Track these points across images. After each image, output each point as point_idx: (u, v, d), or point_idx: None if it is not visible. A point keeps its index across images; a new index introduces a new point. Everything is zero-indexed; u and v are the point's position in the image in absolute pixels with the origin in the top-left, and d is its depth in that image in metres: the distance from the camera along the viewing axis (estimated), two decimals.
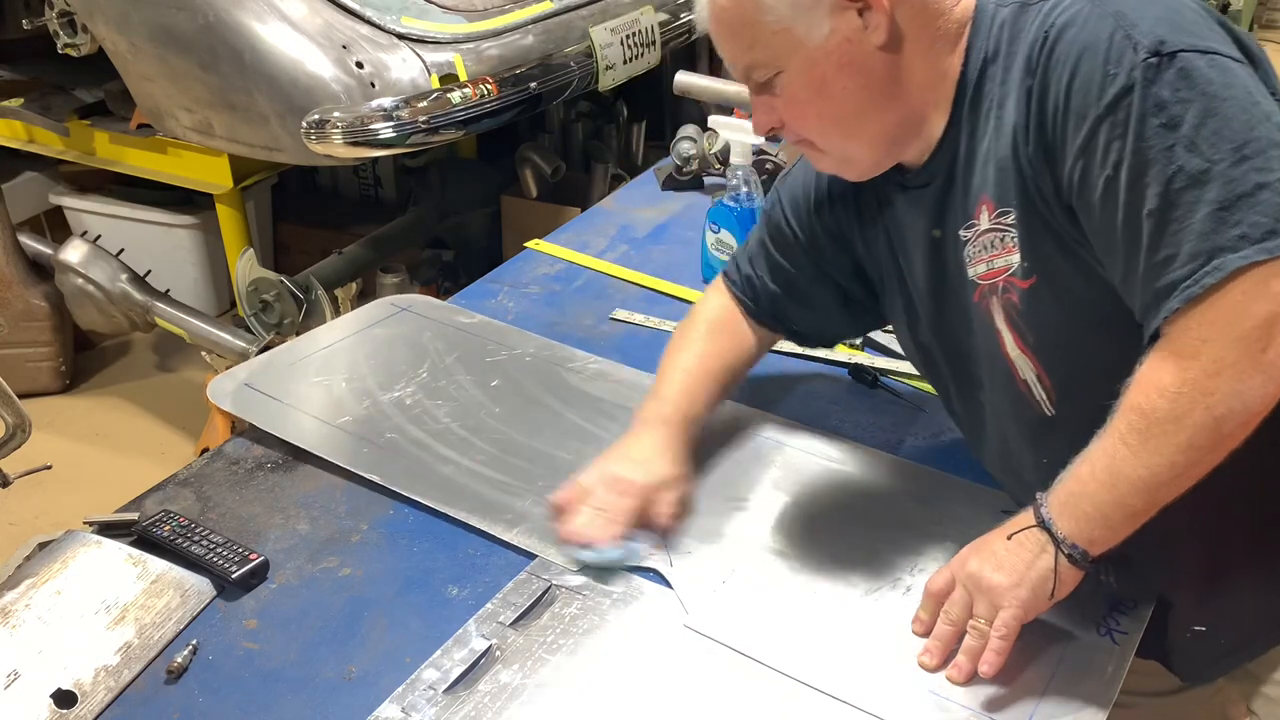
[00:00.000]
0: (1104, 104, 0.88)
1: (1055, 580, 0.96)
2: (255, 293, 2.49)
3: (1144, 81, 0.86)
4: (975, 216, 1.03)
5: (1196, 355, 0.86)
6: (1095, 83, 0.89)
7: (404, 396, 1.43)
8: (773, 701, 0.99)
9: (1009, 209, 0.99)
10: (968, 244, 1.05)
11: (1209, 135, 0.85)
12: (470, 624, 1.06)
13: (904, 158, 1.10)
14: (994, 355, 1.07)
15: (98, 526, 1.19)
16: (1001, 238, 1.01)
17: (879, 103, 1.03)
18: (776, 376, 1.51)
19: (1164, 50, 0.86)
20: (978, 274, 1.05)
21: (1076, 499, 0.95)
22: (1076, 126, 0.91)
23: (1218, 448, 0.88)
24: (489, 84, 2.20)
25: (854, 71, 1.01)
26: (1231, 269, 0.84)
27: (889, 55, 1.01)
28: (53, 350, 3.04)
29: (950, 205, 1.07)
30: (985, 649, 0.99)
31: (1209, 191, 0.85)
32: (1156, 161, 0.86)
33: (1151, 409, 0.88)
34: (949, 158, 1.05)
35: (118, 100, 2.70)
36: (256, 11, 2.09)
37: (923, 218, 1.11)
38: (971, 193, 1.04)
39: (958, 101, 1.03)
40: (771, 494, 1.26)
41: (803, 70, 1.02)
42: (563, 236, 1.98)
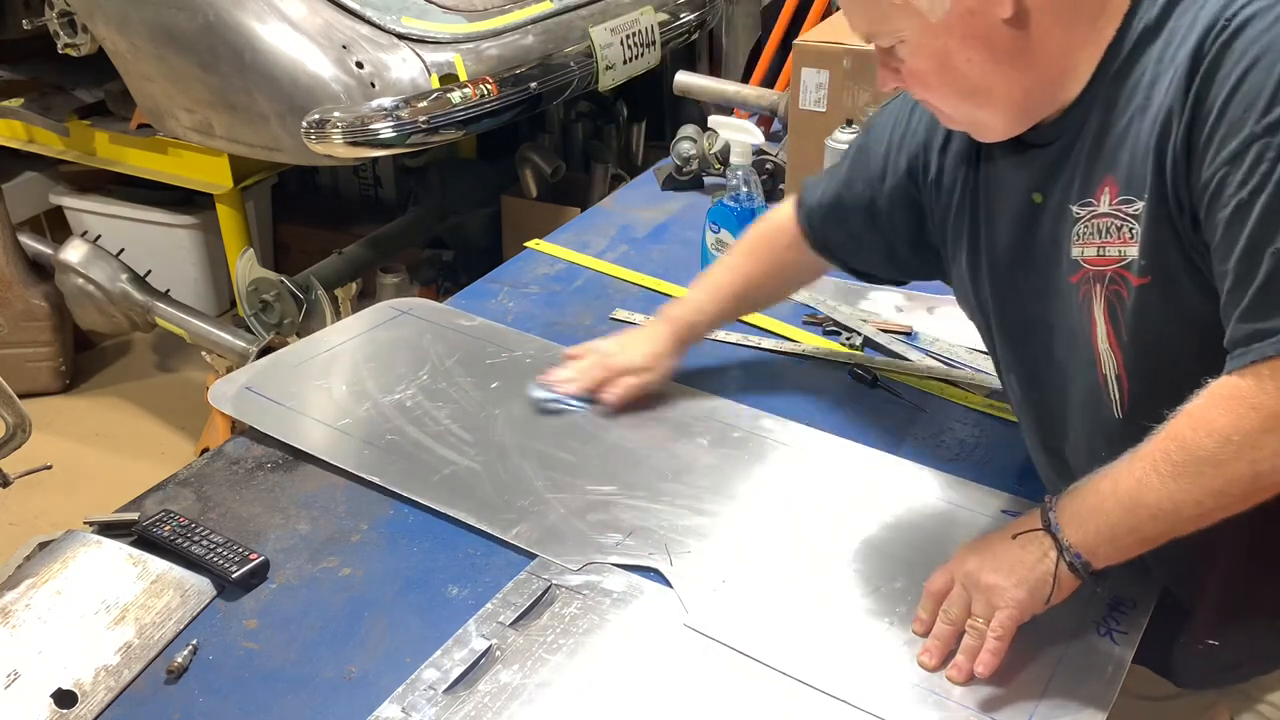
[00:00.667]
0: (1266, 123, 0.82)
1: (1054, 585, 0.96)
2: (255, 293, 2.49)
3: None
4: (1095, 196, 0.97)
5: (1259, 407, 0.83)
6: (1265, 94, 0.82)
7: (404, 399, 1.43)
8: (773, 701, 0.99)
9: (1135, 199, 0.93)
10: (1079, 222, 0.99)
11: None
12: (470, 624, 1.06)
13: (1040, 119, 1.03)
14: (1082, 341, 1.03)
15: (98, 526, 1.19)
16: (1120, 227, 0.95)
17: (1005, 74, 0.97)
18: (777, 376, 1.51)
19: None
20: (1084, 256, 0.99)
21: (1091, 512, 0.94)
22: (1229, 134, 0.84)
23: (1248, 499, 0.87)
24: (489, 84, 2.20)
25: (978, 44, 0.96)
26: None
27: (1016, 29, 0.94)
28: (53, 350, 3.05)
29: (1063, 174, 1.01)
30: (981, 649, 0.99)
31: None
32: None
33: (1195, 445, 0.86)
34: (1076, 125, 0.99)
35: (118, 100, 2.70)
36: (256, 11, 2.09)
37: (1027, 179, 1.05)
38: (1096, 169, 0.97)
39: (1101, 69, 0.96)
40: (771, 493, 1.26)
41: (925, 42, 0.97)
42: (563, 236, 1.98)
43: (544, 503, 1.23)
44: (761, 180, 1.77)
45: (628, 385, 1.39)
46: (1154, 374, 0.98)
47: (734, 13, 3.33)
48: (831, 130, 1.75)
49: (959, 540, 1.06)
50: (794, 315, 1.66)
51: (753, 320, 1.65)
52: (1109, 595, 1.07)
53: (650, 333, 1.44)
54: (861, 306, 1.67)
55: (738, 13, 3.34)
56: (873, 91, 1.77)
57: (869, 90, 1.78)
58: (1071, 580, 0.96)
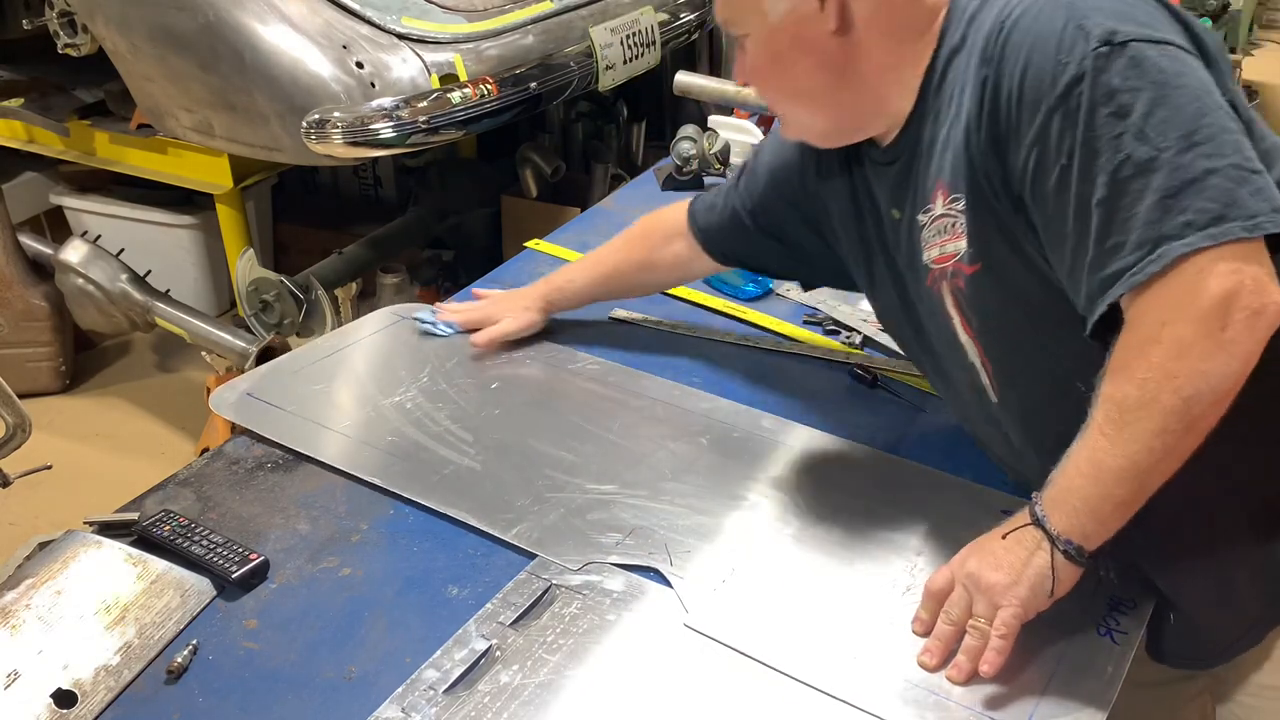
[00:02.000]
0: (1056, 94, 0.90)
1: (1053, 578, 0.96)
2: (255, 293, 2.49)
3: (1095, 70, 0.88)
4: (931, 201, 1.06)
5: (1159, 339, 0.87)
6: (1048, 72, 0.90)
7: (404, 400, 1.43)
8: (773, 701, 0.99)
9: (960, 195, 1.01)
10: (924, 228, 1.08)
11: (1158, 123, 0.86)
12: (470, 624, 1.06)
13: (870, 133, 1.13)
14: (950, 338, 1.11)
15: (98, 526, 1.19)
16: (953, 223, 1.03)
17: (832, 83, 1.07)
18: (776, 376, 1.51)
19: (1115, 40, 0.88)
20: (931, 258, 1.08)
21: (1066, 494, 0.95)
22: (1030, 116, 0.92)
23: (1191, 430, 0.89)
24: (489, 84, 2.20)
25: (807, 51, 1.06)
26: (1175, 256, 0.85)
27: (843, 40, 1.04)
28: (53, 350, 3.04)
29: (909, 187, 1.10)
30: (985, 648, 0.99)
31: (1156, 179, 0.86)
32: (1106, 150, 0.88)
33: (1123, 397, 0.89)
34: (913, 140, 1.08)
35: (118, 100, 2.70)
36: (256, 11, 2.09)
37: (885, 196, 1.15)
38: (930, 177, 1.06)
39: (925, 86, 1.05)
40: (771, 493, 1.26)
41: (763, 40, 1.07)
42: (563, 236, 1.98)
43: (544, 503, 1.23)
44: None
45: (490, 335, 1.54)
46: (1007, 354, 1.07)
47: None
48: None
49: (959, 540, 1.06)
50: (794, 315, 1.66)
51: (753, 320, 1.65)
52: (1112, 582, 1.07)
53: (525, 290, 1.59)
54: (862, 306, 1.67)
55: None
56: None
57: None
58: (1070, 569, 0.96)
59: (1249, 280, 0.85)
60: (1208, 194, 0.85)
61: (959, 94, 1.01)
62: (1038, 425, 1.08)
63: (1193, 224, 0.85)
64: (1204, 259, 0.85)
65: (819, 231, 1.32)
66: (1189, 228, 0.85)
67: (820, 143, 1.18)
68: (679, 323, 1.65)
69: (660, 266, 1.53)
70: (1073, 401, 0.96)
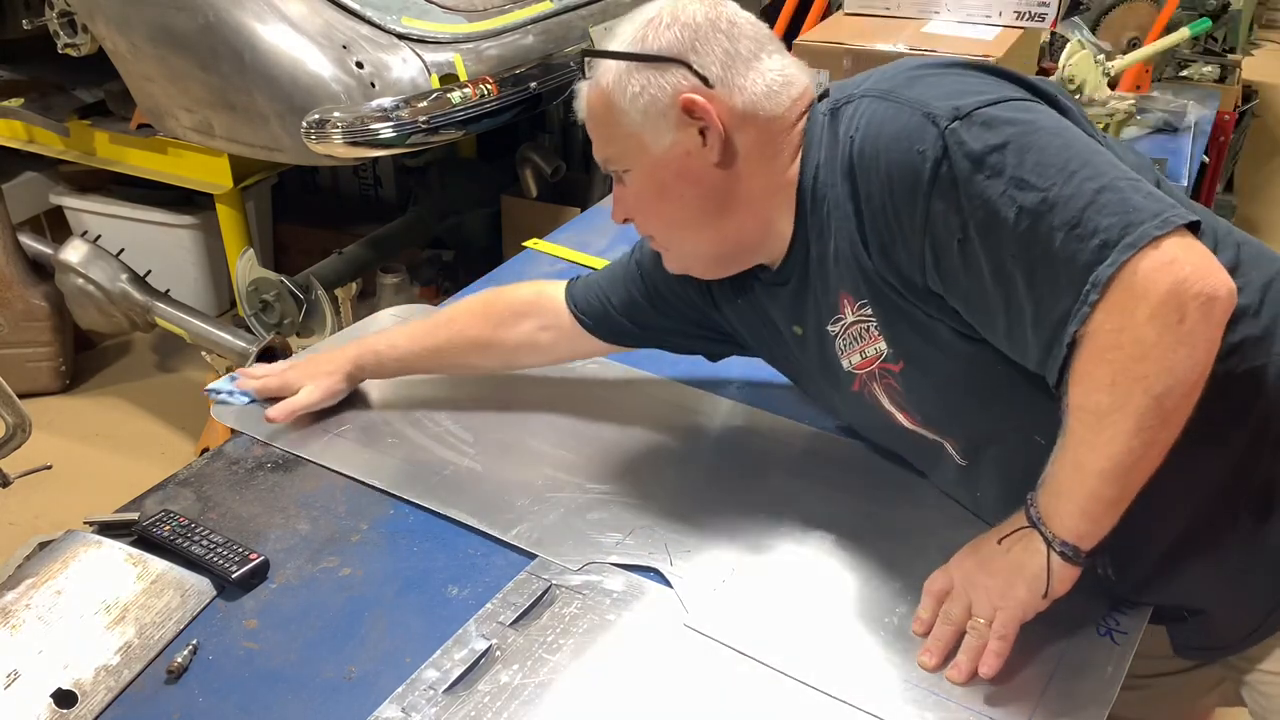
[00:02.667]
0: (925, 181, 0.92)
1: (1050, 579, 0.96)
2: (255, 293, 2.49)
3: (954, 144, 0.91)
4: (840, 311, 1.08)
5: (1119, 345, 0.88)
6: (911, 167, 0.93)
7: (403, 401, 1.43)
8: (773, 701, 0.99)
9: (865, 301, 1.04)
10: (836, 338, 1.10)
11: (1032, 167, 0.89)
12: (470, 624, 1.06)
13: (756, 260, 1.15)
14: (894, 430, 1.14)
15: (98, 526, 1.19)
16: (867, 328, 1.06)
17: (715, 212, 1.09)
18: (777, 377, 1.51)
19: (960, 113, 0.91)
20: (853, 364, 1.10)
21: (1056, 499, 0.96)
22: (909, 212, 0.94)
23: (1166, 424, 0.89)
24: (489, 84, 2.20)
25: (691, 182, 1.07)
26: (1106, 278, 0.86)
27: (726, 171, 1.06)
28: (53, 350, 3.04)
29: (807, 304, 1.12)
30: (985, 649, 0.99)
31: (1055, 217, 0.88)
32: (997, 210, 0.89)
33: (1095, 405, 0.90)
34: (801, 259, 1.10)
35: (118, 100, 2.70)
36: (256, 11, 2.09)
37: (783, 315, 1.17)
38: (830, 289, 1.08)
39: (800, 207, 1.08)
40: (771, 494, 1.26)
41: (647, 173, 1.09)
42: (563, 236, 1.98)
43: (544, 503, 1.23)
44: None
45: (288, 407, 1.37)
46: (961, 429, 1.09)
47: None
48: None
49: (959, 540, 1.06)
50: None
51: None
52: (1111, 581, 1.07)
53: (334, 354, 1.42)
54: None
55: None
56: None
57: None
58: (1067, 570, 0.96)
59: (1188, 269, 0.86)
60: (1107, 210, 0.87)
61: (834, 209, 1.03)
62: (1006, 482, 1.08)
63: (1108, 243, 0.86)
64: (1133, 266, 0.86)
65: (728, 339, 1.31)
66: (1106, 247, 0.86)
67: (705, 274, 1.19)
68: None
69: (502, 348, 1.38)
70: (1039, 454, 0.97)
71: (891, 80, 1.00)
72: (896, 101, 0.96)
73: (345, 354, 1.42)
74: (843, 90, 1.06)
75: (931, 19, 1.88)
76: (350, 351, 1.42)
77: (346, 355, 1.41)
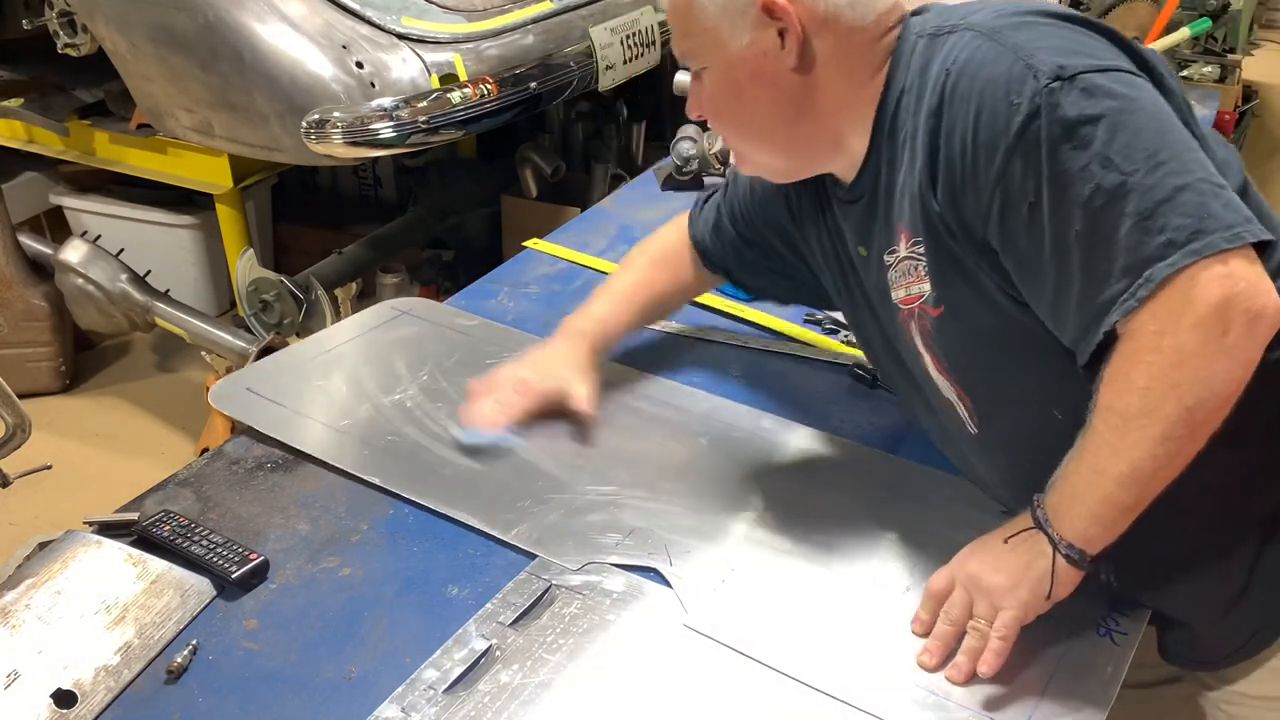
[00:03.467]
0: (1012, 134, 0.90)
1: (1053, 581, 0.96)
2: (255, 293, 2.49)
3: (1049, 106, 0.88)
4: (896, 243, 1.06)
5: (1158, 349, 0.87)
6: (1001, 115, 0.90)
7: (404, 399, 1.43)
8: (772, 701, 0.99)
9: (920, 239, 1.02)
10: (890, 268, 1.08)
11: (1121, 148, 0.87)
12: (470, 624, 1.06)
13: (828, 170, 1.14)
14: (924, 374, 1.12)
15: (98, 526, 1.19)
16: (916, 266, 1.04)
17: (788, 118, 1.07)
18: (776, 376, 1.51)
19: (1064, 74, 0.88)
20: (899, 298, 1.09)
21: (1069, 501, 0.95)
22: (988, 161, 0.92)
23: (1194, 436, 0.89)
24: (489, 84, 2.20)
25: (766, 85, 1.05)
26: (1162, 277, 0.85)
27: (802, 77, 1.04)
28: (53, 350, 3.04)
29: (874, 227, 1.10)
30: (985, 649, 0.99)
31: (1129, 204, 0.86)
32: (1074, 183, 0.88)
33: (1124, 407, 0.89)
34: (872, 181, 1.08)
35: (118, 100, 2.70)
36: (256, 11, 2.09)
37: (851, 233, 1.15)
38: (892, 219, 1.06)
39: (877, 128, 1.05)
40: (771, 493, 1.26)
41: (723, 71, 1.06)
42: (563, 236, 1.98)
43: (544, 503, 1.23)
44: None
45: (585, 396, 1.34)
46: (984, 389, 1.07)
47: None
48: None
49: (959, 540, 1.06)
50: (794, 315, 1.66)
51: (753, 319, 1.65)
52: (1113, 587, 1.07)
53: (565, 349, 1.38)
54: None
55: None
56: None
57: None
58: (1071, 573, 0.96)
59: (1243, 284, 0.85)
60: (1182, 210, 0.85)
61: (910, 140, 1.01)
62: (1017, 455, 1.08)
63: (1174, 242, 0.85)
64: (1192, 272, 0.85)
65: (801, 256, 1.31)
66: (1171, 246, 0.85)
67: (776, 179, 1.19)
68: (679, 324, 1.65)
69: (691, 281, 1.47)
70: (1053, 431, 0.96)
71: (1000, 18, 0.96)
72: (1001, 44, 0.93)
73: (579, 348, 1.38)
74: (945, 16, 1.02)
75: None
76: (580, 344, 1.39)
77: (583, 348, 1.38)
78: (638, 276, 1.46)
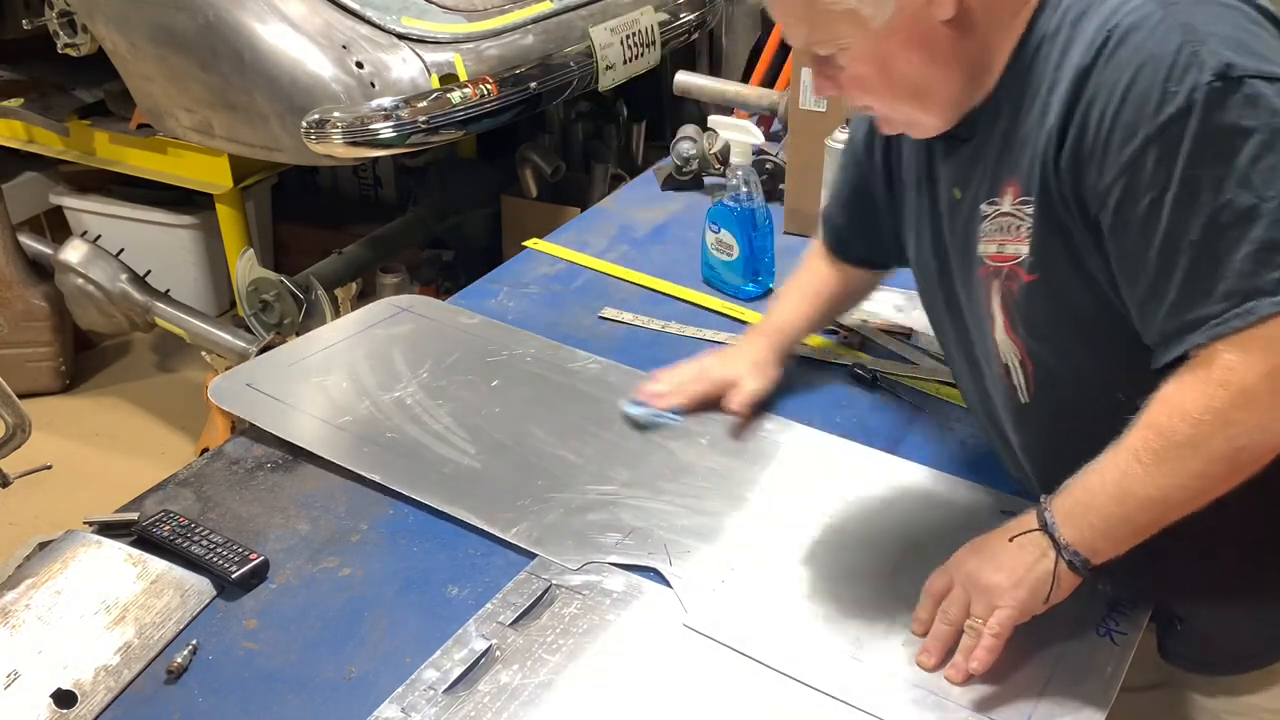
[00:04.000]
0: (1158, 122, 0.84)
1: (1053, 584, 0.96)
2: (255, 293, 2.49)
3: (1205, 105, 0.82)
4: (1000, 194, 1.01)
5: (1226, 384, 0.84)
6: (1152, 99, 0.84)
7: (405, 396, 1.43)
8: (772, 701, 0.99)
9: (1030, 199, 0.97)
10: (986, 219, 1.03)
11: (1265, 170, 0.82)
12: (470, 624, 1.06)
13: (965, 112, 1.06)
14: (984, 332, 1.08)
15: (98, 526, 1.19)
16: (1017, 225, 0.99)
17: (943, 73, 1.00)
18: None
19: (1231, 74, 0.82)
20: (987, 253, 1.04)
21: (1083, 509, 0.94)
22: (1123, 142, 0.87)
23: (1232, 477, 0.87)
24: (489, 84, 2.20)
25: (919, 46, 0.98)
26: (1263, 314, 0.82)
27: (955, 31, 0.97)
28: (53, 350, 3.04)
29: (977, 172, 1.05)
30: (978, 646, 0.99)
31: (1255, 230, 0.82)
32: (1206, 190, 0.83)
33: (1171, 430, 0.87)
34: (989, 122, 1.02)
35: (118, 100, 2.70)
36: (256, 11, 2.09)
37: (951, 173, 1.09)
38: (1002, 168, 1.01)
39: (1009, 68, 0.99)
40: (771, 493, 1.26)
41: (867, 49, 0.99)
42: (563, 236, 1.98)
43: (544, 502, 1.23)
44: (761, 180, 1.77)
45: (745, 393, 1.38)
46: (1051, 360, 1.03)
47: (734, 13, 3.33)
48: (831, 130, 1.74)
49: (958, 540, 1.06)
50: None
51: (752, 320, 1.65)
52: (1108, 595, 1.07)
53: (746, 346, 1.44)
54: (862, 306, 1.67)
55: (738, 13, 3.34)
56: None
57: None
58: (1071, 578, 0.96)
59: None
60: None
61: (1046, 91, 0.95)
62: (1063, 429, 1.05)
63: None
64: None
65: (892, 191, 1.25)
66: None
67: (926, 134, 1.09)
68: (679, 324, 1.65)
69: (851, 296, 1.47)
70: (1110, 410, 0.93)
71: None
72: (1173, 20, 0.85)
73: (761, 344, 1.43)
74: None
75: None
76: (762, 341, 1.43)
77: (765, 345, 1.42)
78: (817, 266, 1.45)
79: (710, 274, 1.76)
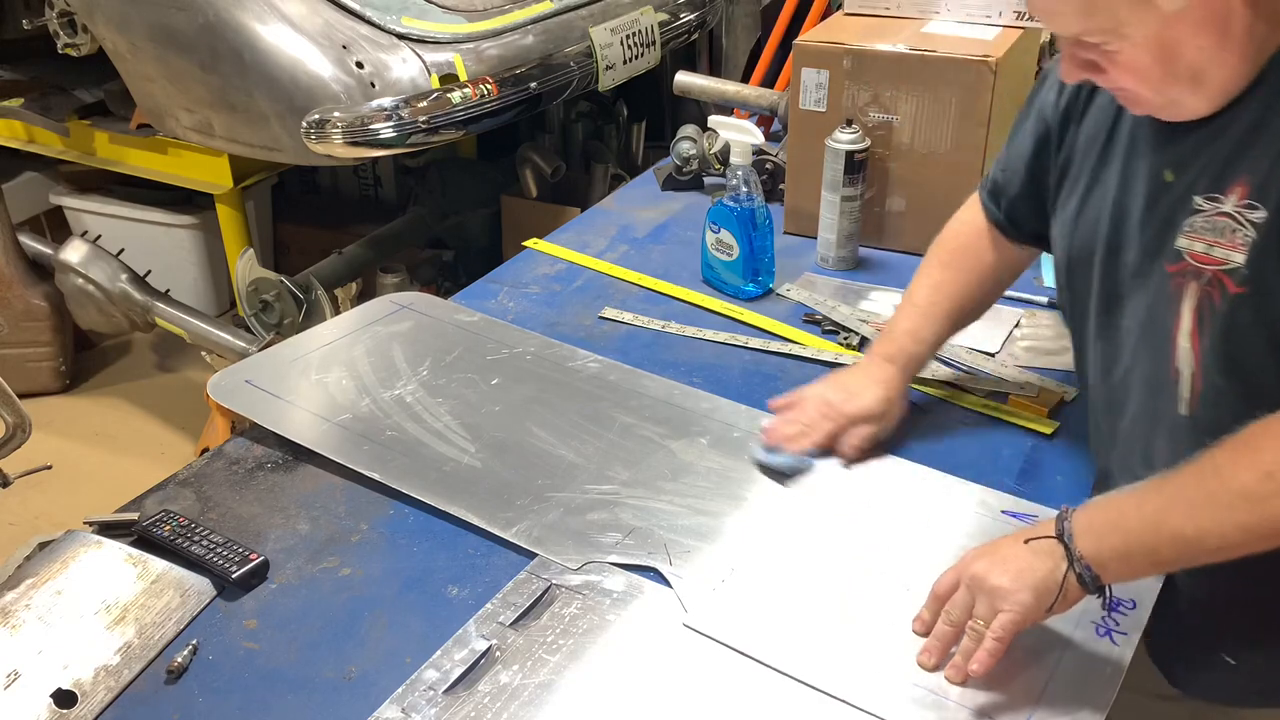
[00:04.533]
0: None
1: (1059, 594, 0.95)
2: (255, 293, 2.49)
3: None
4: (1225, 192, 0.94)
5: None
6: None
7: (404, 394, 1.43)
8: (772, 701, 0.99)
9: (1260, 207, 0.90)
10: (1199, 214, 0.95)
11: None
12: (470, 624, 1.06)
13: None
14: (1162, 330, 1.00)
15: (98, 526, 1.19)
16: (1235, 231, 0.92)
17: (1230, 58, 0.92)
18: (777, 376, 1.51)
19: None
20: (1190, 249, 0.96)
21: (1110, 528, 0.93)
22: None
23: (1275, 540, 0.85)
24: (489, 84, 2.20)
25: (1212, 29, 0.90)
26: None
27: (1250, 5, 0.89)
28: (53, 350, 3.04)
29: (1200, 160, 0.97)
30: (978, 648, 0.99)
31: None
32: None
33: (1234, 476, 0.85)
34: (1229, 116, 0.95)
35: (118, 100, 2.70)
36: (256, 11, 2.09)
37: (1164, 155, 1.01)
38: (1233, 167, 0.94)
39: (1271, 64, 0.92)
40: (771, 493, 1.26)
41: (1153, 33, 0.91)
42: (563, 236, 1.98)
43: (544, 502, 1.23)
44: (761, 180, 1.77)
45: (863, 436, 1.29)
46: (1229, 382, 0.96)
47: (734, 13, 3.34)
48: (831, 130, 1.75)
49: (959, 540, 1.06)
50: (794, 315, 1.66)
51: (752, 321, 1.65)
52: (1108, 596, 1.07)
53: (874, 374, 1.32)
54: (861, 306, 1.67)
55: (738, 13, 3.34)
56: (873, 90, 1.77)
57: (869, 90, 1.78)
58: (1078, 592, 0.96)
59: None
60: None
61: None
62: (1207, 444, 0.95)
63: None
64: None
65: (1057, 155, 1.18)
66: None
67: (1183, 118, 0.99)
68: (679, 324, 1.65)
69: (995, 271, 1.34)
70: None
71: None
72: None
73: (890, 373, 1.32)
74: None
75: (931, 19, 1.88)
76: (890, 370, 1.32)
77: (894, 373, 1.32)
78: (938, 279, 1.34)
79: (710, 274, 1.76)
